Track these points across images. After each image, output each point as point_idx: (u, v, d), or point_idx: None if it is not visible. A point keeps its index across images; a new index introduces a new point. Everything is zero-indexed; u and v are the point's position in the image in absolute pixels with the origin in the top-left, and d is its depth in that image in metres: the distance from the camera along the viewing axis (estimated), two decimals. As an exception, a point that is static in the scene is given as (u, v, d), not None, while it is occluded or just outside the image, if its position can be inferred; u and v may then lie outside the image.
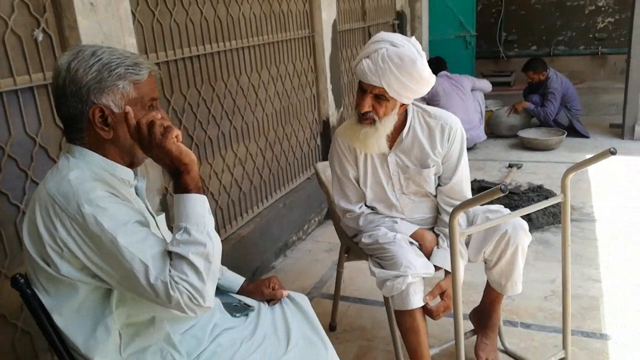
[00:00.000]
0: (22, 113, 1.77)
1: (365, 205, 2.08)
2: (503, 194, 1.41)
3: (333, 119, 3.99)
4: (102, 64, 1.17)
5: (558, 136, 5.11)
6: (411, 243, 1.93)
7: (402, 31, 5.86)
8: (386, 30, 5.44)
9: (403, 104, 1.86)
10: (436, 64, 5.18)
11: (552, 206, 3.40)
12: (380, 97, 1.80)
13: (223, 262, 2.65)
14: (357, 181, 2.04)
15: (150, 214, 1.40)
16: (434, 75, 1.83)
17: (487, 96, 5.67)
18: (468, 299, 2.55)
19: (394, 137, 1.94)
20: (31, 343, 1.85)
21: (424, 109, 1.98)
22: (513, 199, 3.70)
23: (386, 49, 1.75)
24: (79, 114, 1.19)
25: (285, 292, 1.57)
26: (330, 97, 3.92)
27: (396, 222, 1.99)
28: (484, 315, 2.12)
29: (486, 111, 5.44)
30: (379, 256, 1.88)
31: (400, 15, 5.76)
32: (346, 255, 2.31)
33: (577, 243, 3.12)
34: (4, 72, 1.72)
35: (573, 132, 5.34)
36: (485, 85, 5.32)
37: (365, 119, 1.85)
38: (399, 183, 2.00)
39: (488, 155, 5.05)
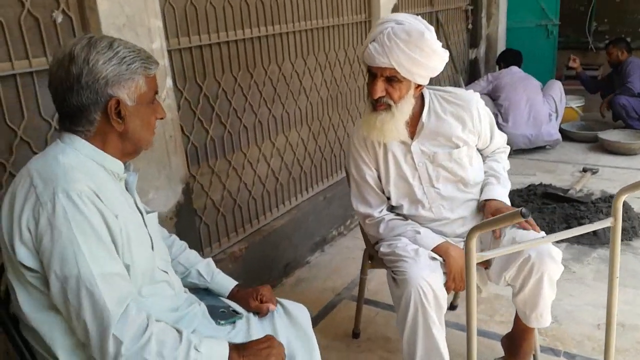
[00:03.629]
0: (37, 96, 1.76)
1: (388, 209, 1.92)
2: (524, 219, 1.20)
3: (387, 110, 3.78)
4: (120, 58, 1.17)
5: (643, 139, 4.59)
6: (434, 259, 1.74)
7: (476, 18, 5.50)
8: (458, 16, 5.12)
9: (419, 86, 1.73)
10: (513, 57, 4.85)
11: (623, 219, 3.02)
12: (392, 79, 1.68)
13: (252, 254, 2.64)
14: (379, 180, 1.90)
15: (139, 210, 1.33)
16: (447, 50, 1.71)
17: (569, 91, 5.24)
18: (507, 319, 2.32)
19: (414, 124, 1.80)
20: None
21: (438, 88, 1.87)
22: (579, 209, 3.32)
23: (391, 27, 1.66)
24: (91, 105, 1.17)
25: (272, 307, 1.45)
26: (385, 86, 3.71)
27: (419, 233, 1.81)
28: (514, 344, 1.90)
29: (566, 107, 4.99)
30: (394, 269, 1.72)
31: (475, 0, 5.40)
32: (370, 262, 2.14)
33: (635, 263, 2.75)
34: (20, 54, 1.70)
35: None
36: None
37: (379, 105, 1.71)
38: (427, 174, 1.85)
39: (561, 157, 4.62)
